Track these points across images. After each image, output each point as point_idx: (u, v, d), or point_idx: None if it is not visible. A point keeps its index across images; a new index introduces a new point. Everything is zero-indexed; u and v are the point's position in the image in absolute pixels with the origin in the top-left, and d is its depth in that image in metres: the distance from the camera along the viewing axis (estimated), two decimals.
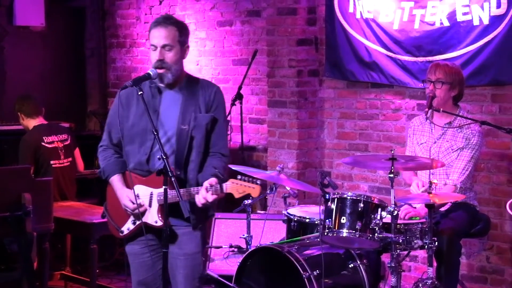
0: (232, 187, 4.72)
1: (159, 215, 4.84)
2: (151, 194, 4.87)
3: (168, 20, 4.89)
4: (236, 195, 4.75)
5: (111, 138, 5.03)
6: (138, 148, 4.90)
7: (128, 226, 4.96)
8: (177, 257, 4.90)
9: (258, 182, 4.73)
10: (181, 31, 4.90)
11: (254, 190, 4.74)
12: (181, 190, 4.70)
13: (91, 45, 10.10)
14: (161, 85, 4.89)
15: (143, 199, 4.87)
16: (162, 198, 4.73)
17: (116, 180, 4.95)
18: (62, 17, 9.86)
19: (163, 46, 4.82)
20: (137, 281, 5.06)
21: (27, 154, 7.42)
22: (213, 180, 4.71)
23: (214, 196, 4.70)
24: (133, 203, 4.81)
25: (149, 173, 4.88)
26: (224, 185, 4.71)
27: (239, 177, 4.76)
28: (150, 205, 4.88)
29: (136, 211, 4.82)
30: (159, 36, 4.82)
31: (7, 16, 9.20)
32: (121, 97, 4.89)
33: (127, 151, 4.93)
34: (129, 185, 4.90)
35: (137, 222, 4.88)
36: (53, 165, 7.51)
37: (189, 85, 4.95)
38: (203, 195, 4.70)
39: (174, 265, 4.92)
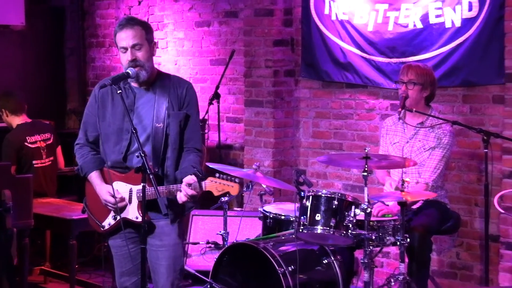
0: (211, 185, 4.73)
1: (139, 211, 4.87)
2: (131, 190, 4.90)
3: (132, 21, 4.91)
4: (215, 193, 4.76)
5: (87, 136, 5.04)
6: (113, 147, 4.93)
7: (109, 221, 4.99)
8: (158, 249, 4.92)
9: (237, 180, 4.75)
10: (147, 29, 4.93)
11: (233, 189, 4.76)
12: (161, 188, 4.74)
13: (71, 44, 10.07)
14: (135, 84, 4.92)
15: (123, 195, 4.90)
16: (140, 194, 4.75)
17: (94, 177, 4.98)
18: (42, 17, 9.81)
19: (133, 46, 4.84)
20: (120, 272, 5.10)
21: (10, 153, 7.38)
22: (192, 178, 4.71)
23: (193, 192, 4.73)
24: (114, 197, 4.83)
25: (128, 170, 4.90)
26: (203, 183, 4.71)
27: (217, 175, 4.78)
28: (130, 202, 4.90)
29: (117, 205, 4.84)
30: (127, 37, 4.84)
31: None
32: (96, 95, 4.96)
33: (104, 149, 4.97)
34: (107, 181, 4.92)
35: (118, 217, 4.91)
36: (35, 165, 7.48)
37: (161, 82, 4.97)
38: (185, 193, 4.73)
39: (155, 257, 4.95)
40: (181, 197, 4.75)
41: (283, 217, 6.22)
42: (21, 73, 9.56)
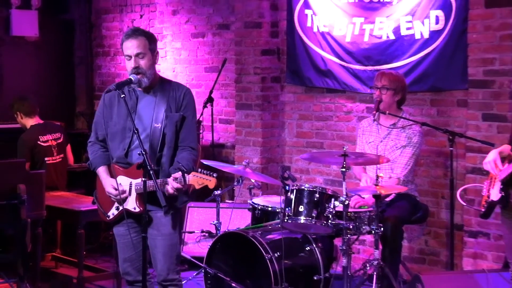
0: (193, 179, 4.70)
1: (137, 203, 4.88)
2: (131, 184, 4.90)
3: (137, 32, 4.92)
4: (197, 186, 4.74)
5: (97, 135, 5.07)
6: (118, 144, 4.94)
7: (113, 212, 5.00)
8: (155, 238, 4.92)
9: (214, 175, 4.72)
10: (150, 39, 4.93)
11: (210, 182, 4.72)
12: (158, 181, 4.72)
13: (79, 53, 10.03)
14: (139, 89, 4.92)
15: (124, 188, 4.90)
16: (139, 187, 4.78)
17: (101, 171, 5.01)
18: (54, 29, 9.77)
19: (137, 55, 4.85)
20: (123, 258, 5.09)
21: (25, 151, 7.35)
22: (177, 173, 4.71)
23: (179, 186, 4.71)
24: (116, 190, 4.85)
25: (129, 165, 4.90)
26: (187, 177, 4.69)
27: (199, 170, 4.76)
28: (130, 194, 4.91)
29: (118, 197, 4.85)
30: (132, 46, 4.85)
31: (4, 27, 9.13)
32: (105, 99, 5.01)
33: (110, 146, 4.98)
34: (113, 175, 4.93)
35: (120, 208, 4.93)
36: (47, 162, 7.46)
37: (162, 87, 4.97)
38: (171, 186, 4.72)
39: (153, 245, 4.95)
40: (168, 189, 4.74)
41: (270, 209, 6.23)
42: (35, 79, 9.53)
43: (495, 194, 4.97)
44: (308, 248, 5.92)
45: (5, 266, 6.47)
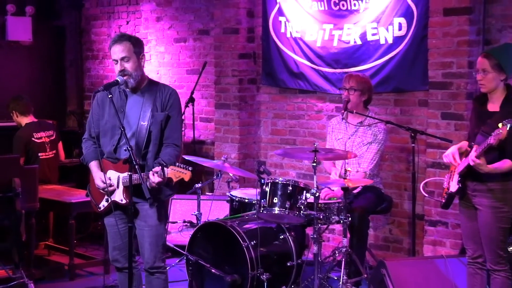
0: (171, 172, 4.68)
1: (124, 195, 4.86)
2: (118, 177, 4.88)
3: (122, 37, 4.89)
4: (174, 179, 4.71)
5: (90, 133, 5.05)
6: (108, 141, 4.93)
7: (103, 203, 4.99)
8: (143, 228, 4.90)
9: (190, 168, 4.71)
10: (135, 44, 4.89)
11: (186, 175, 4.69)
12: (143, 174, 4.69)
13: (70, 57, 9.98)
14: (127, 89, 4.90)
15: (113, 181, 4.89)
16: (126, 181, 4.77)
17: (93, 165, 4.99)
18: (46, 34, 9.71)
19: (122, 58, 4.82)
20: (112, 246, 5.09)
21: (20, 147, 7.31)
22: (157, 167, 4.69)
23: (160, 180, 4.68)
24: (104, 183, 4.84)
25: (118, 160, 4.89)
26: (166, 170, 4.68)
27: (177, 164, 4.73)
28: (118, 187, 4.89)
29: (106, 189, 4.85)
30: (117, 51, 4.83)
31: (0, 33, 9.07)
32: (98, 99, 5.00)
33: (102, 142, 4.98)
34: (103, 169, 4.92)
35: (109, 200, 4.92)
36: (40, 157, 7.41)
37: (149, 88, 4.94)
38: (151, 179, 4.70)
39: (141, 235, 4.94)
40: (149, 183, 4.72)
41: (246, 200, 6.22)
42: (29, 80, 9.48)
43: (454, 186, 5.01)
44: (282, 236, 5.92)
45: (1, 254, 6.44)
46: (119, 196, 4.89)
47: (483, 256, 5.02)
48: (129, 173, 4.65)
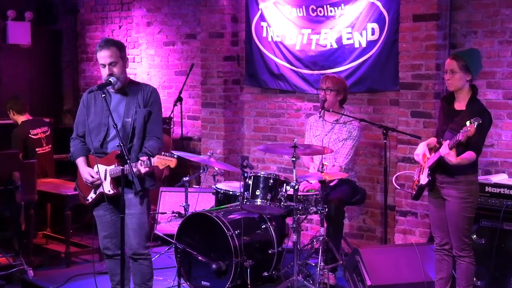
0: (158, 161, 4.65)
1: (111, 186, 4.84)
2: (106, 170, 4.86)
3: (108, 43, 4.84)
4: (161, 167, 4.68)
5: (78, 131, 5.02)
6: (95, 137, 4.89)
7: (91, 196, 4.97)
8: (126, 216, 4.81)
9: (175, 156, 4.67)
10: (120, 48, 4.86)
11: (172, 162, 4.65)
12: (126, 166, 4.64)
13: (66, 59, 9.97)
14: (112, 90, 4.88)
15: (101, 174, 4.86)
16: (113, 172, 4.79)
17: (80, 161, 4.97)
18: (44, 38, 9.71)
19: (110, 63, 4.79)
20: (103, 235, 5.06)
21: (18, 144, 7.29)
22: (144, 157, 4.68)
23: (147, 169, 4.67)
24: (92, 177, 4.84)
25: (105, 155, 4.87)
26: (152, 159, 4.66)
27: (162, 153, 4.69)
28: (105, 179, 4.86)
29: (94, 183, 4.85)
30: (105, 56, 4.78)
31: (1, 36, 9.08)
32: (84, 101, 4.99)
33: (88, 140, 4.94)
34: (90, 164, 4.91)
35: (97, 192, 4.91)
36: (37, 152, 7.38)
37: (132, 88, 4.92)
38: (138, 168, 4.67)
39: (125, 222, 4.86)
40: (136, 170, 4.68)
41: (231, 193, 6.20)
42: (28, 81, 9.50)
43: (423, 178, 5.02)
44: (264, 226, 5.92)
45: (3, 243, 6.45)
46: (107, 187, 4.86)
47: (450, 243, 5.03)
48: (121, 167, 4.59)
